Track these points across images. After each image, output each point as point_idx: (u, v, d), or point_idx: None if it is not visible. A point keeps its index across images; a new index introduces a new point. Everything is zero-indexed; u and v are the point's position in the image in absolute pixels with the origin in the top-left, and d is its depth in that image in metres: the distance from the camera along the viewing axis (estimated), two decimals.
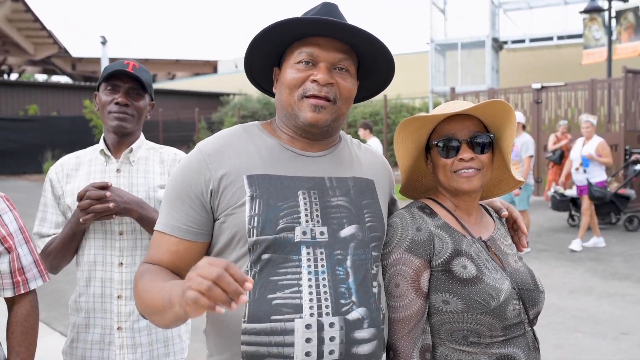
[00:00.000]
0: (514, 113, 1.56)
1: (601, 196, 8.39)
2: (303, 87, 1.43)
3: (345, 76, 1.47)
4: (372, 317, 1.40)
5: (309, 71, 1.43)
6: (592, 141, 8.50)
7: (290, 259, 1.36)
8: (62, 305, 5.86)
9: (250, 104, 24.42)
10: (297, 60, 1.44)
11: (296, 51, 1.45)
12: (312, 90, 1.42)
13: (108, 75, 2.08)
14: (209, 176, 1.41)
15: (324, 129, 1.47)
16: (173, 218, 1.42)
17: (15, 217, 1.82)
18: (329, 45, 1.44)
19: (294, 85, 1.44)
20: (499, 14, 21.83)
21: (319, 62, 1.44)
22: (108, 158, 2.14)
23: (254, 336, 1.34)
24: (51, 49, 39.05)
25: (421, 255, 1.54)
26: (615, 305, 5.76)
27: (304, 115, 1.43)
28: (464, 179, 1.58)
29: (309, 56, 1.43)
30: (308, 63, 1.44)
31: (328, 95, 1.43)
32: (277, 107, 1.54)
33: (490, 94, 14.22)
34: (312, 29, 1.43)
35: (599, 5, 16.27)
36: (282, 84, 1.48)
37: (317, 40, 1.44)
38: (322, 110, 1.43)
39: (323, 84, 1.42)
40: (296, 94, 1.44)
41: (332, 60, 1.44)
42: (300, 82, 1.43)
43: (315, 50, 1.43)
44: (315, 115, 1.42)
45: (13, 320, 1.80)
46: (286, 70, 1.47)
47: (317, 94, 1.42)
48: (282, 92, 1.47)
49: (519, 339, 1.55)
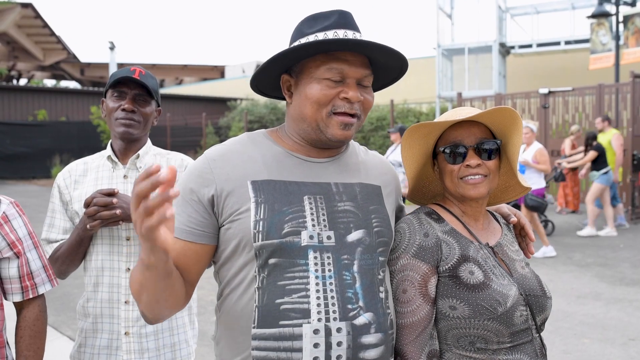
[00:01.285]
0: (521, 119, 1.56)
1: (536, 205, 8.20)
2: (333, 103, 1.43)
3: (368, 91, 1.49)
4: (379, 322, 1.40)
5: (338, 88, 1.43)
6: (531, 147, 8.29)
7: (298, 264, 1.36)
8: (70, 309, 5.89)
9: (257, 109, 24.46)
10: (326, 77, 1.43)
11: (323, 66, 1.43)
12: (343, 108, 1.43)
13: (115, 82, 2.09)
14: (213, 181, 1.42)
15: (346, 142, 1.50)
16: (177, 221, 1.43)
17: (24, 222, 1.83)
18: (356, 61, 1.44)
19: (324, 102, 1.43)
20: (506, 19, 21.78)
21: (346, 79, 1.44)
22: (115, 164, 2.16)
23: (264, 341, 1.34)
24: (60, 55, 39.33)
25: (428, 260, 1.54)
26: (624, 311, 5.72)
27: (333, 132, 1.44)
28: (471, 186, 1.58)
29: (339, 73, 1.43)
30: (337, 80, 1.43)
31: (356, 112, 1.45)
32: (293, 118, 1.51)
33: (498, 99, 14.19)
34: (342, 47, 1.42)
35: (606, 10, 16.22)
36: (306, 98, 1.44)
37: (344, 55, 1.43)
38: (350, 127, 1.45)
39: (354, 102, 1.44)
40: (325, 110, 1.43)
41: (359, 77, 1.45)
42: (330, 98, 1.43)
43: (345, 67, 1.43)
44: (344, 133, 1.45)
45: (22, 325, 1.82)
46: (311, 85, 1.44)
47: (349, 112, 1.43)
48: (307, 106, 1.45)
49: (526, 346, 1.54)
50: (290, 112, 1.52)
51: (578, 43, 20.29)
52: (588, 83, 14.45)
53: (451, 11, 21.84)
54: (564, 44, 20.76)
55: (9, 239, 1.77)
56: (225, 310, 1.45)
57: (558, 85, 14.66)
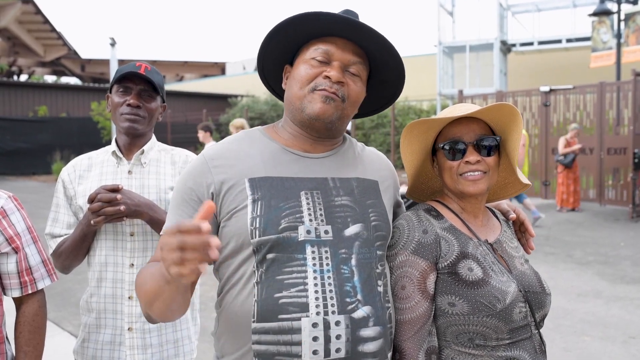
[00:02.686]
0: (520, 116, 1.57)
1: None
2: (315, 81, 1.45)
3: (355, 80, 1.50)
4: (377, 315, 1.41)
5: (322, 68, 1.46)
6: None
7: (295, 258, 1.37)
8: (71, 305, 5.89)
9: (257, 105, 24.45)
10: (312, 57, 1.47)
11: (312, 47, 1.48)
12: (323, 85, 1.44)
13: (120, 77, 2.10)
14: (211, 179, 1.43)
15: (328, 125, 1.48)
16: (176, 221, 1.43)
17: (23, 216, 1.83)
18: (346, 46, 1.47)
19: (306, 80, 1.46)
20: (507, 17, 21.76)
21: (332, 61, 1.47)
22: (120, 159, 2.16)
23: (264, 335, 1.35)
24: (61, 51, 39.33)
25: (427, 257, 1.55)
26: (624, 309, 5.72)
27: (312, 107, 1.44)
28: (470, 182, 1.59)
29: (324, 54, 1.46)
30: (322, 60, 1.46)
31: (337, 93, 1.45)
32: (285, 103, 1.55)
33: (499, 97, 14.18)
34: (331, 28, 1.45)
35: (608, 8, 16.19)
36: (293, 78, 1.50)
37: (334, 40, 1.47)
38: (331, 102, 1.44)
39: (335, 81, 1.44)
40: (307, 88, 1.46)
41: (346, 61, 1.47)
42: (313, 77, 1.46)
43: (332, 48, 1.46)
44: (324, 106, 1.44)
45: (21, 320, 1.81)
46: (299, 66, 1.49)
47: (328, 89, 1.44)
48: (293, 86, 1.49)
49: (525, 342, 1.55)
50: (284, 99, 1.56)
51: (579, 41, 20.28)
52: (589, 81, 14.42)
53: (452, 9, 21.82)
54: (565, 42, 20.76)
55: (7, 233, 1.76)
56: (225, 306, 1.46)
57: (559, 83, 14.64)
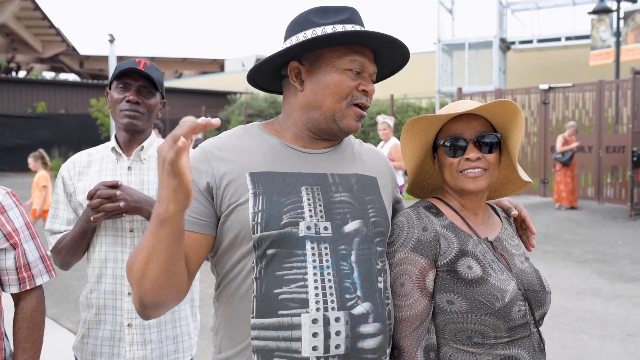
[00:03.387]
0: (522, 113, 1.56)
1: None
2: (352, 95, 1.47)
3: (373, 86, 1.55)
4: (377, 311, 1.41)
5: (357, 80, 1.47)
6: (387, 144, 7.76)
7: (295, 254, 1.37)
8: (70, 301, 5.89)
9: (256, 102, 24.41)
10: (348, 68, 1.46)
11: (346, 57, 1.45)
12: (361, 100, 1.48)
13: (119, 73, 2.09)
14: (212, 172, 1.42)
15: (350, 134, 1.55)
16: None
17: (21, 212, 1.82)
18: (371, 56, 1.51)
19: (345, 93, 1.46)
20: (506, 15, 21.75)
21: (364, 72, 1.49)
22: (119, 156, 2.15)
23: (263, 331, 1.35)
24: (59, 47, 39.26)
25: (427, 255, 1.54)
26: (623, 307, 5.74)
27: (348, 123, 1.48)
28: (470, 179, 1.58)
29: (361, 66, 1.47)
30: (358, 72, 1.47)
31: (369, 105, 1.51)
32: (303, 106, 1.49)
33: (498, 95, 14.17)
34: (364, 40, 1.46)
35: (607, 6, 16.19)
36: (325, 87, 1.45)
37: (363, 50, 1.48)
38: (361, 120, 1.51)
39: (370, 95, 1.50)
40: (344, 102, 1.46)
41: (372, 72, 1.52)
42: (352, 90, 1.47)
43: (365, 61, 1.48)
44: (357, 125, 1.50)
45: (19, 316, 1.81)
46: (332, 74, 1.45)
47: (365, 104, 1.49)
48: (326, 95, 1.45)
49: (524, 340, 1.55)
50: (299, 101, 1.50)
51: (578, 39, 20.27)
52: (588, 79, 14.42)
53: (452, 6, 21.80)
54: (565, 40, 20.75)
55: (5, 229, 1.76)
56: (223, 301, 1.46)
57: (558, 81, 14.63)
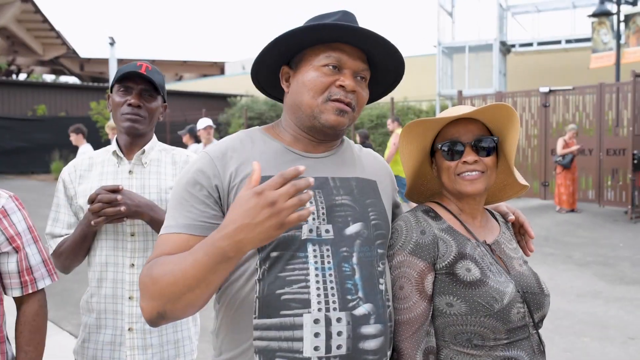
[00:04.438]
0: (517, 116, 1.58)
1: None
2: (329, 91, 1.46)
3: (363, 86, 1.52)
4: (378, 313, 1.41)
5: (335, 76, 1.46)
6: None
7: (297, 256, 1.38)
8: (70, 304, 5.89)
9: (257, 105, 24.43)
10: (324, 64, 1.46)
11: (322, 54, 1.47)
12: (338, 95, 1.45)
13: (121, 76, 2.09)
14: (219, 176, 1.42)
15: (338, 133, 1.51)
16: (185, 217, 1.40)
17: (24, 216, 1.82)
18: (354, 53, 1.48)
19: (320, 89, 1.45)
20: (507, 17, 21.77)
21: (344, 69, 1.47)
22: (120, 159, 2.15)
23: (265, 331, 1.36)
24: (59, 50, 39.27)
25: (425, 258, 1.55)
26: (624, 309, 5.73)
27: (327, 118, 1.45)
28: (468, 182, 1.60)
29: (337, 61, 1.46)
30: (335, 68, 1.46)
31: (351, 102, 1.47)
32: (289, 107, 1.53)
33: (498, 98, 14.18)
34: (341, 35, 1.45)
35: (607, 9, 16.19)
36: (303, 85, 1.48)
37: (342, 46, 1.47)
38: (344, 114, 1.47)
39: (349, 91, 1.46)
40: (321, 97, 1.46)
41: (355, 68, 1.48)
42: (327, 85, 1.46)
43: (343, 56, 1.46)
44: (338, 119, 1.46)
45: (21, 320, 1.81)
46: (309, 72, 1.47)
47: (343, 99, 1.45)
48: (303, 93, 1.47)
49: (523, 342, 1.55)
50: (287, 102, 1.55)
51: (579, 42, 20.28)
52: (589, 82, 14.42)
53: (452, 9, 21.82)
54: (565, 43, 20.76)
55: (7, 233, 1.76)
56: (225, 303, 1.46)
57: (558, 84, 14.64)
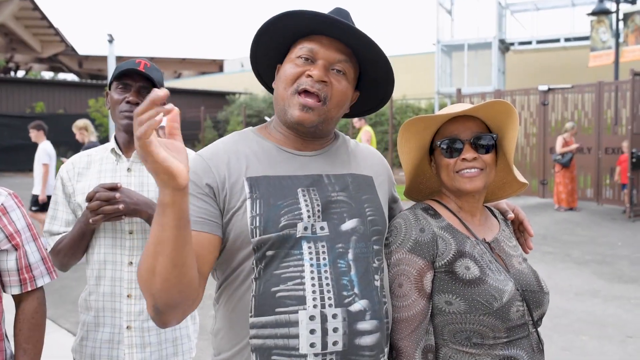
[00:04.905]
0: (516, 113, 1.58)
1: None
2: (298, 81, 1.44)
3: (340, 79, 1.47)
4: (374, 309, 1.41)
5: (306, 67, 1.44)
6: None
7: (292, 254, 1.38)
8: (68, 302, 5.88)
9: (255, 103, 24.46)
10: (297, 55, 1.46)
11: (298, 46, 1.47)
12: (304, 85, 1.42)
13: (119, 74, 2.09)
14: (213, 177, 1.42)
15: (311, 130, 1.47)
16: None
17: (23, 214, 1.82)
18: (331, 45, 1.45)
19: (290, 80, 1.44)
20: (505, 15, 21.78)
21: (317, 59, 1.45)
22: (119, 157, 2.15)
23: (261, 329, 1.35)
24: (58, 47, 39.21)
25: (424, 256, 1.55)
26: (622, 308, 5.74)
27: (292, 112, 1.43)
28: (467, 179, 1.59)
29: (309, 52, 1.45)
30: (307, 59, 1.45)
31: (319, 93, 1.43)
32: (274, 103, 1.54)
33: (497, 96, 14.19)
34: (316, 26, 1.44)
35: (606, 8, 16.20)
36: (279, 78, 1.49)
37: (320, 38, 1.46)
38: (309, 111, 1.42)
39: (317, 80, 1.42)
40: (290, 89, 1.44)
41: (330, 59, 1.45)
42: (296, 76, 1.44)
43: (316, 46, 1.45)
44: (302, 115, 1.42)
45: (20, 318, 1.81)
46: (285, 65, 1.48)
47: (309, 89, 1.42)
48: (279, 86, 1.48)
49: (522, 341, 1.55)
50: (273, 99, 1.55)
51: (578, 40, 20.30)
52: (587, 80, 14.43)
53: (451, 7, 21.83)
54: (564, 41, 20.78)
55: (7, 231, 1.76)
56: (223, 302, 1.46)
57: (557, 82, 14.65)
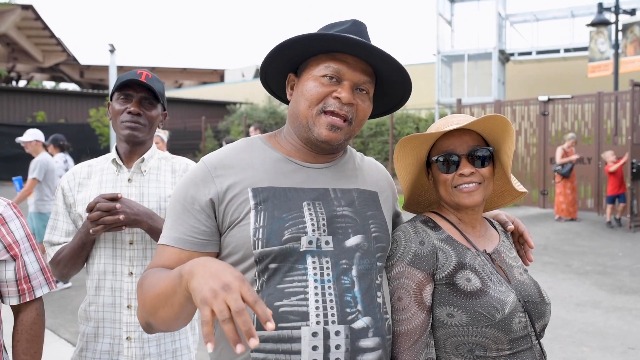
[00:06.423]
0: (512, 126, 1.57)
1: None
2: (324, 102, 1.43)
3: (364, 98, 1.48)
4: (377, 326, 1.40)
5: (333, 87, 1.43)
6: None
7: (296, 268, 1.37)
8: (68, 312, 5.87)
9: (256, 112, 24.48)
10: (322, 74, 1.43)
11: (322, 64, 1.44)
12: (332, 107, 1.42)
13: (121, 84, 2.09)
14: (214, 188, 1.42)
15: (335, 147, 1.48)
16: (177, 230, 1.42)
17: (22, 224, 1.82)
18: (356, 65, 1.44)
19: (316, 99, 1.43)
20: (505, 26, 21.84)
21: (343, 80, 1.44)
22: (120, 167, 2.15)
23: (263, 343, 1.34)
24: (59, 57, 39.28)
25: (424, 268, 1.54)
26: (623, 319, 5.71)
27: (319, 131, 1.43)
28: (465, 194, 1.59)
29: (336, 72, 1.43)
30: (332, 79, 1.43)
31: (347, 115, 1.43)
32: (290, 115, 1.52)
33: (497, 106, 14.21)
34: (343, 47, 1.42)
35: (606, 19, 16.25)
36: (301, 94, 1.46)
37: (345, 57, 1.44)
38: (337, 130, 1.43)
39: (345, 103, 1.42)
40: (316, 108, 1.43)
41: (356, 80, 1.45)
42: (323, 96, 1.43)
43: (343, 67, 1.43)
44: (330, 134, 1.43)
45: (19, 328, 1.80)
46: (308, 82, 1.45)
47: (338, 112, 1.42)
48: (300, 103, 1.46)
49: (525, 353, 1.54)
50: (289, 111, 1.54)
51: (577, 51, 20.35)
52: (587, 91, 14.46)
53: (451, 18, 21.90)
54: (563, 52, 20.83)
55: (5, 241, 1.75)
56: None
57: (557, 93, 14.68)
